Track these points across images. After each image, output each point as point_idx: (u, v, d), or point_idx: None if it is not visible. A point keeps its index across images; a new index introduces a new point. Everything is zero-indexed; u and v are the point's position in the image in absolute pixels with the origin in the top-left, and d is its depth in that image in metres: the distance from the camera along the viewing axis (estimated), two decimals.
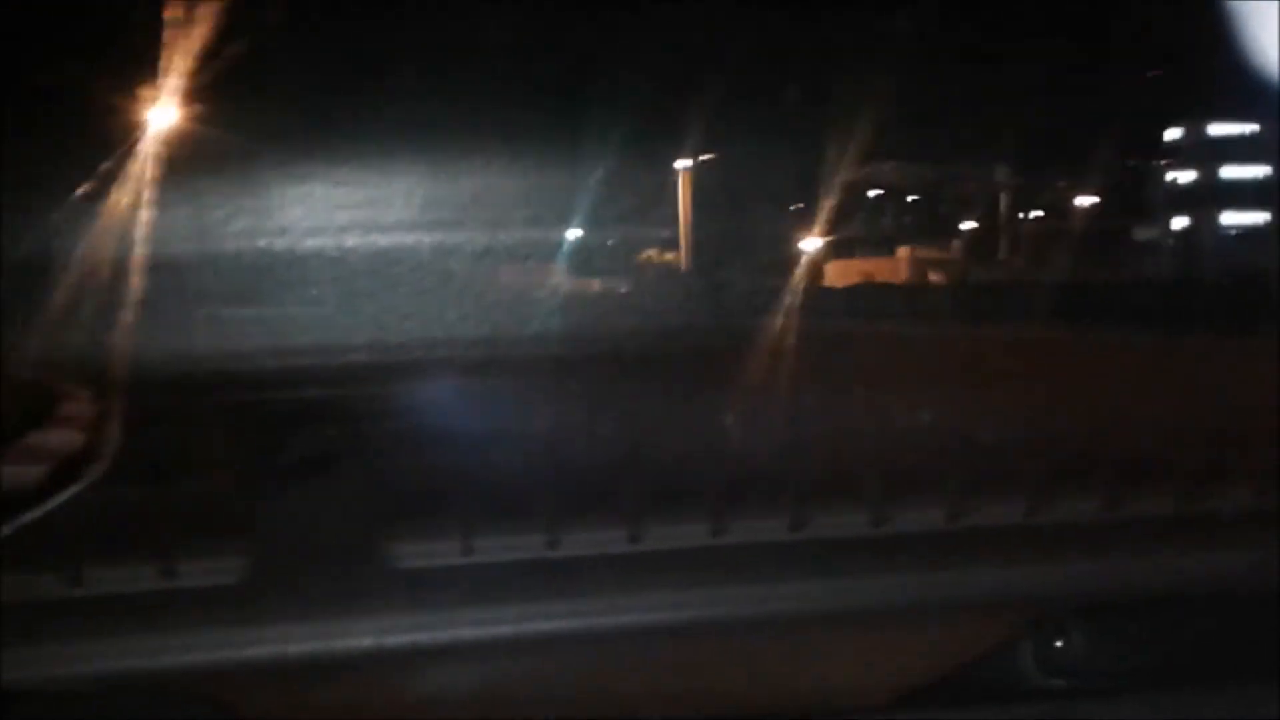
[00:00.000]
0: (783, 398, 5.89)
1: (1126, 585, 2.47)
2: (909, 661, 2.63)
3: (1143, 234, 24.69)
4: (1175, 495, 2.75)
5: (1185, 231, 25.68)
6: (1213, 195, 25.37)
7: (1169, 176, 26.33)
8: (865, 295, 17.18)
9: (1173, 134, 26.57)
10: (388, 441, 2.57)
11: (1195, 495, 2.75)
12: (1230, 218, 25.15)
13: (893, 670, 2.63)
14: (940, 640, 2.61)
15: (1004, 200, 22.76)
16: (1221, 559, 2.42)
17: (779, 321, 9.17)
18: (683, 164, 13.93)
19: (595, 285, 12.74)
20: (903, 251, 20.89)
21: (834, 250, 18.65)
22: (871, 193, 21.33)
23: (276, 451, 2.55)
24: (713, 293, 13.15)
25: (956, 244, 22.19)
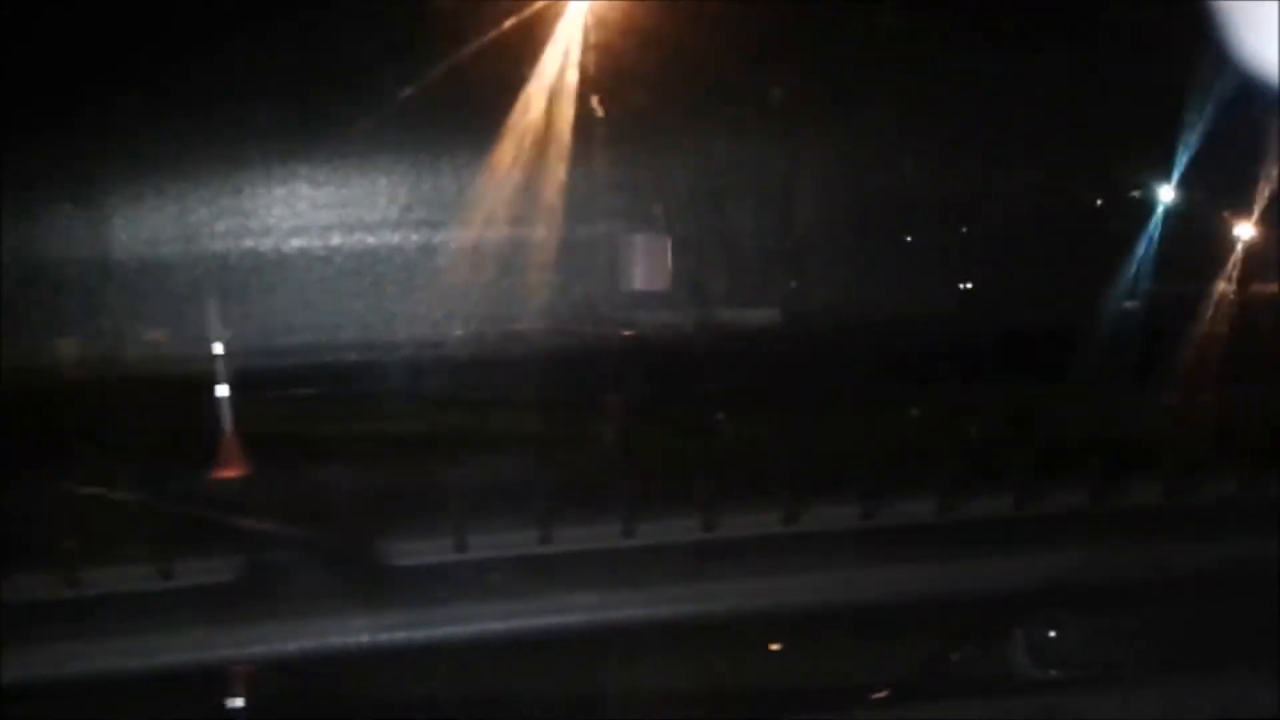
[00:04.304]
0: None
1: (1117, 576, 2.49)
2: (902, 655, 2.64)
3: None
4: None
5: None
6: None
7: None
8: None
9: None
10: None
11: None
12: None
13: (885, 663, 2.64)
14: (933, 633, 2.63)
15: None
16: (1212, 549, 2.44)
17: None
18: None
19: None
20: None
21: None
22: None
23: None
24: None
25: None
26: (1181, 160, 2.55)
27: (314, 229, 2.53)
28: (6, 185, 2.46)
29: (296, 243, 2.54)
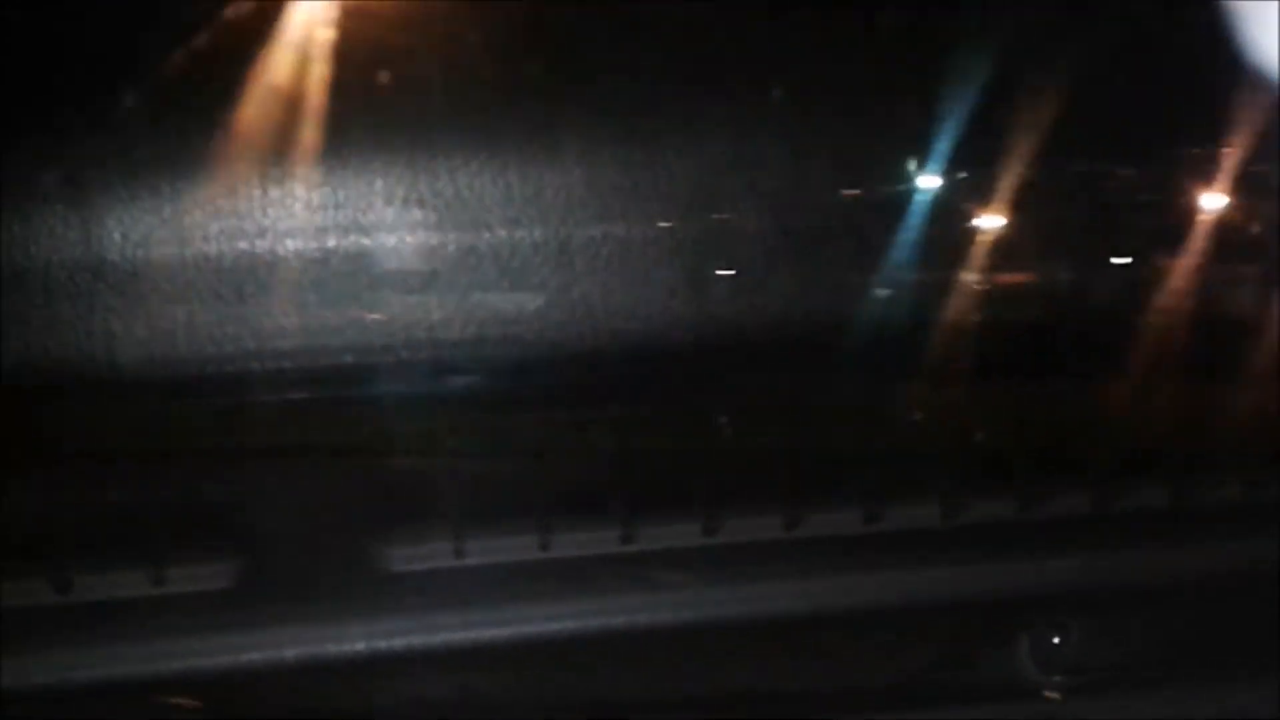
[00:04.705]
0: None
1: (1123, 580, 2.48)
2: (905, 660, 2.64)
3: None
4: None
5: None
6: None
7: None
8: None
9: None
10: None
11: None
12: None
13: (888, 669, 2.64)
14: (936, 639, 2.62)
15: None
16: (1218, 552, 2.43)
17: None
18: None
19: None
20: None
21: None
22: None
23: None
24: None
25: None
26: (948, 150, 2.53)
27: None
28: None
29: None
